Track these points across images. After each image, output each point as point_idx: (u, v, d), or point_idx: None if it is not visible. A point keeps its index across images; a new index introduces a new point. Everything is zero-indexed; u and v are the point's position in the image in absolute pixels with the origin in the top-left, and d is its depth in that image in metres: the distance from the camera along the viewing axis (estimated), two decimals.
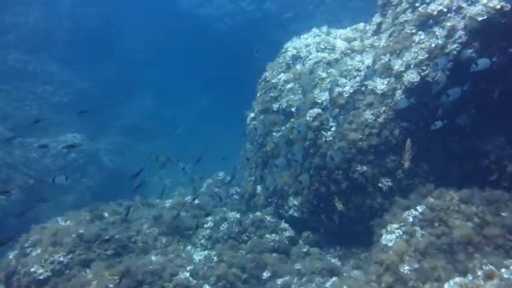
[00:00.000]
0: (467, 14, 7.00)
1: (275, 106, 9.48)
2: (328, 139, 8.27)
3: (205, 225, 8.34)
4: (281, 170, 9.22)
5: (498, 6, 6.66)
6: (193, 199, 8.49)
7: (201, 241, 8.07)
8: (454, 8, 7.25)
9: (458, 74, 7.19)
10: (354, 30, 9.47)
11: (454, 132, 7.75)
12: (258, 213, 8.87)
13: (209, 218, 8.48)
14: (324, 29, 9.70)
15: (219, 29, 22.25)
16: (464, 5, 7.11)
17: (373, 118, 8.07)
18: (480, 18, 6.84)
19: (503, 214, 6.59)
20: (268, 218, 8.79)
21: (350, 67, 8.67)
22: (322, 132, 8.37)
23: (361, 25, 9.53)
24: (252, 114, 10.25)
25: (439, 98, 7.10)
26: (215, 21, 22.14)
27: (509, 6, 6.61)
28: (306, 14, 18.60)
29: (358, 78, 8.51)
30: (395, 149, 7.99)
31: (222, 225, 8.45)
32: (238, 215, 8.90)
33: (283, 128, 9.29)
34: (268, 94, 9.68)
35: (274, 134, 9.45)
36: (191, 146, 22.69)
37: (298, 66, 9.31)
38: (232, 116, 14.67)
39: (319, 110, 8.45)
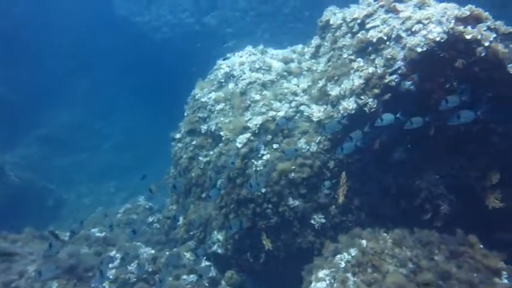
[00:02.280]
0: (407, 44, 6.61)
1: (203, 128, 8.54)
2: (258, 169, 7.47)
3: (110, 264, 7.04)
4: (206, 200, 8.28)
5: (437, 39, 6.32)
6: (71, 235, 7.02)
7: (104, 285, 6.77)
8: (393, 36, 6.85)
9: (397, 106, 6.76)
10: (291, 52, 8.86)
11: (390, 167, 7.31)
12: (176, 250, 7.75)
13: (117, 255, 7.21)
14: (260, 47, 9.00)
15: (156, 38, 21.02)
16: (403, 34, 6.72)
17: (307, 148, 7.42)
18: (419, 50, 6.46)
19: (436, 258, 6.18)
20: (188, 255, 7.72)
21: (286, 90, 8.00)
22: (253, 160, 7.56)
23: (300, 47, 8.96)
24: (178, 135, 9.20)
25: (376, 129, 6.69)
26: (152, 30, 20.89)
27: (447, 39, 6.29)
28: (246, 31, 18.07)
29: (294, 103, 7.85)
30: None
31: (132, 264, 7.22)
32: (153, 251, 7.71)
33: (211, 152, 8.35)
34: (197, 114, 8.73)
35: (201, 158, 8.48)
36: (119, 162, 20.96)
37: (231, 86, 8.48)
38: (166, 132, 13.60)
39: (250, 136, 7.64)
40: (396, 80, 6.72)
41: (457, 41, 6.36)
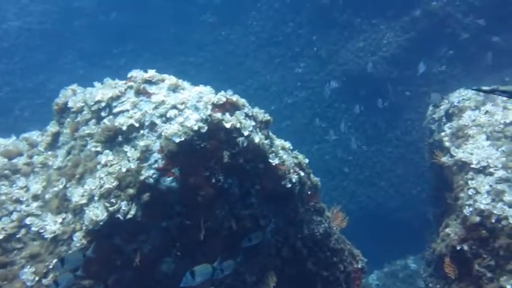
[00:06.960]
0: (163, 133, 5.43)
1: None
2: None
3: None
4: None
5: (195, 127, 5.36)
6: None
7: None
8: (147, 123, 5.59)
9: (158, 209, 5.38)
10: (21, 141, 6.59)
11: (159, 285, 5.70)
12: None
13: None
14: None
15: None
16: (158, 121, 5.55)
17: (35, 279, 5.12)
18: (177, 140, 5.33)
19: None
20: None
21: (4, 198, 5.62)
22: None
23: (35, 134, 6.77)
24: None
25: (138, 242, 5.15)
26: None
27: (206, 128, 5.41)
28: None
29: (15, 215, 5.52)
30: None
31: None
32: None
33: None
34: None
35: None
36: None
37: None
38: None
39: None
40: (154, 176, 5.36)
41: (218, 129, 5.56)
